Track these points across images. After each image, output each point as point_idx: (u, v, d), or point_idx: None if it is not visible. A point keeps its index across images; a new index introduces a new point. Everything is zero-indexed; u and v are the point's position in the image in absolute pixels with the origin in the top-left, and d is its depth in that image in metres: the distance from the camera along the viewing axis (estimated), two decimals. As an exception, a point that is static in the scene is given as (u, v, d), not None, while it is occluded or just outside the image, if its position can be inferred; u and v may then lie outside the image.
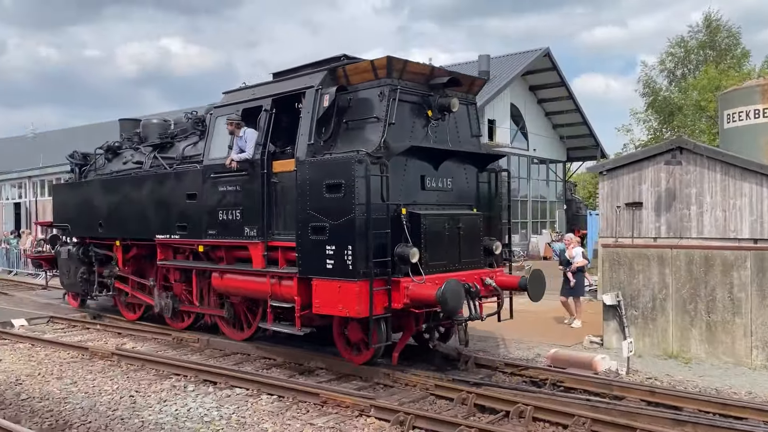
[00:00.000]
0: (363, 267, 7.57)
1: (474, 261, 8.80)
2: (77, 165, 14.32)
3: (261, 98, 9.34)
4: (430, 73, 8.65)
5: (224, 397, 7.64)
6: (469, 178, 9.29)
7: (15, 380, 8.43)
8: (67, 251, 13.79)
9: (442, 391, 7.57)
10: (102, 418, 6.85)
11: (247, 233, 9.14)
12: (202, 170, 9.94)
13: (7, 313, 13.48)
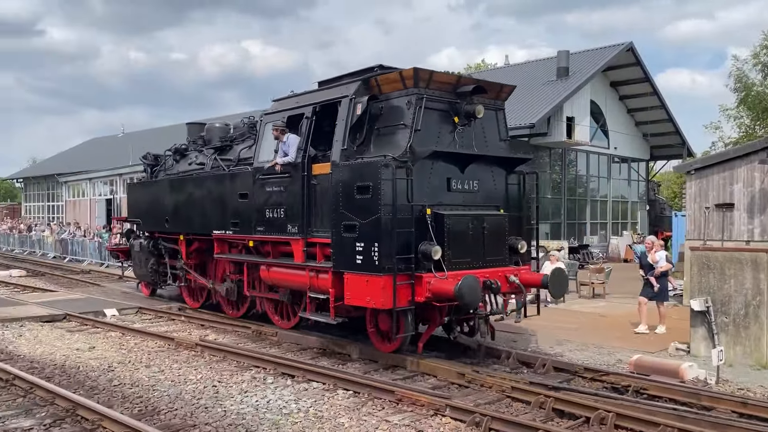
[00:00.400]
0: (388, 263, 8.14)
1: (499, 259, 9.22)
2: (149, 165, 15.43)
3: (303, 106, 10.08)
4: (456, 81, 9.17)
5: (302, 391, 7.80)
6: (496, 180, 9.68)
7: (107, 367, 8.92)
8: (139, 244, 14.86)
9: (519, 393, 7.44)
10: (187, 406, 7.14)
11: (290, 230, 9.93)
12: (252, 172, 10.79)
13: (100, 303, 14.27)
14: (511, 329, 11.70)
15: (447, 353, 9.47)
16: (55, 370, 8.69)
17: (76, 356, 9.56)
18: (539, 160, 26.03)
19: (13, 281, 19.11)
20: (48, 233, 31.12)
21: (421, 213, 8.50)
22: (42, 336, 11.04)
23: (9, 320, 12.02)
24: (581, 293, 16.12)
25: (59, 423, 6.52)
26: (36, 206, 48.29)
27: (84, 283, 18.68)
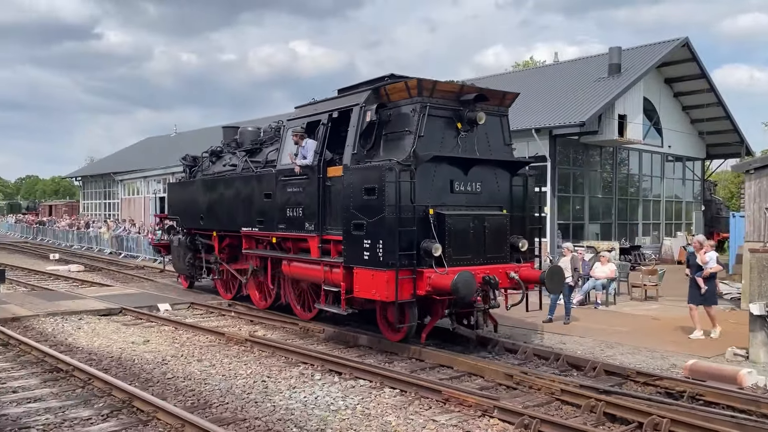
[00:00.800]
0: (391, 259, 8.77)
1: (500, 256, 9.77)
2: (188, 166, 16.34)
3: (319, 113, 10.84)
4: (459, 90, 9.72)
5: (349, 388, 7.85)
6: (500, 182, 10.19)
7: (161, 360, 9.17)
8: (177, 240, 15.96)
9: (569, 396, 7.32)
10: (238, 400, 7.29)
11: (307, 228, 10.72)
12: (275, 174, 11.62)
13: (154, 298, 14.70)
14: (561, 331, 11.51)
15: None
16: (112, 362, 8.99)
17: (131, 349, 9.87)
18: (589, 159, 25.52)
19: (73, 276, 19.87)
20: (104, 230, 32.20)
21: (424, 213, 9.09)
22: (99, 329, 11.44)
23: (69, 313, 12.50)
24: (633, 295, 15.73)
25: (116, 414, 6.74)
26: (93, 204, 50.00)
27: (138, 279, 19.27)
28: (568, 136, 23.44)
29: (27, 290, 16.62)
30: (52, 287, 17.18)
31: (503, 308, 10.22)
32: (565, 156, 24.37)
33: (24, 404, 6.99)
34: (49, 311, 12.51)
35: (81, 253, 29.46)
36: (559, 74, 28.56)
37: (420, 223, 9.03)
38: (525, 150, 23.72)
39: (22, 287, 17.32)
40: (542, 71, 32.17)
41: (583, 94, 24.01)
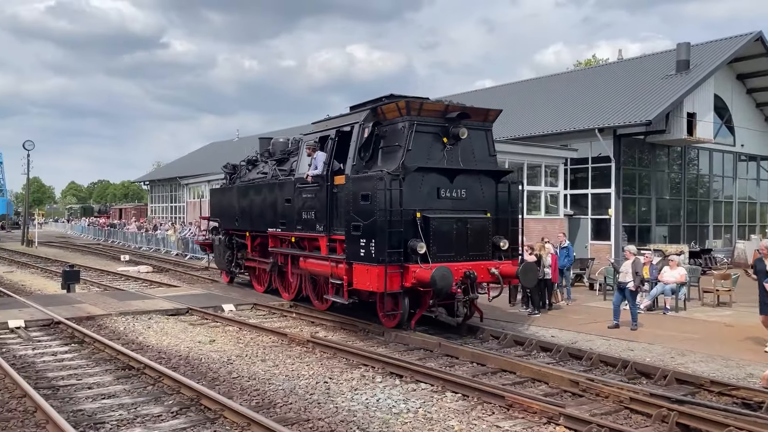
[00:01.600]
0: (382, 255, 10.07)
1: (482, 254, 11.04)
2: (228, 173, 17.86)
3: (329, 129, 12.31)
4: (445, 109, 10.93)
5: (410, 391, 7.83)
6: (484, 189, 11.36)
7: (227, 360, 9.39)
8: (218, 239, 17.50)
9: (639, 405, 7.06)
10: (301, 400, 7.37)
11: (317, 228, 12.15)
12: (294, 181, 13.14)
13: (219, 298, 15.07)
14: (628, 337, 11.16)
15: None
16: (180, 361, 9.26)
17: (198, 348, 10.15)
18: (656, 159, 24.68)
19: (142, 276, 20.63)
20: (171, 232, 33.32)
21: (412, 216, 10.36)
22: (168, 328, 11.81)
23: (139, 313, 12.98)
24: (704, 301, 15.09)
25: (185, 411, 6.93)
26: (160, 207, 51.84)
27: (203, 280, 19.82)
28: (633, 136, 22.75)
29: (100, 290, 17.36)
30: (123, 287, 17.89)
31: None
32: (630, 156, 23.65)
33: (99, 400, 7.28)
34: (121, 310, 13.02)
35: (149, 255, 30.57)
36: (623, 72, 27.74)
37: (408, 224, 10.33)
38: (588, 150, 23.19)
39: (95, 287, 18.10)
40: (605, 69, 31.33)
41: (649, 92, 23.25)
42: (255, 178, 15.81)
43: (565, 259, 15.46)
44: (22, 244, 39.83)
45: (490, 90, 37.11)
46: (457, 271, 10.32)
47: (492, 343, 10.75)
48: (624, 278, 12.06)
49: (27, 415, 6.72)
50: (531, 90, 31.72)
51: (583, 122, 22.97)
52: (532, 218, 21.92)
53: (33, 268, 24.42)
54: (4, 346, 10.08)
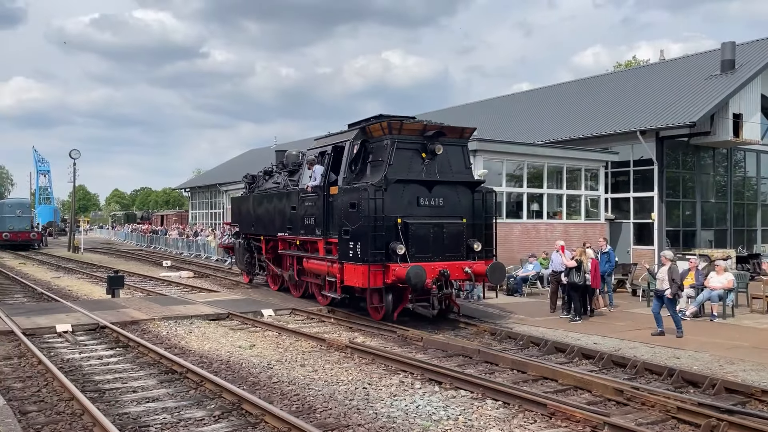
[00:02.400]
0: (366, 256, 11.65)
1: (457, 255, 12.51)
2: (247, 183, 19.53)
3: (326, 145, 14.07)
4: (423, 128, 12.54)
5: (450, 398, 7.76)
6: (461, 198, 12.86)
7: (267, 364, 9.47)
8: (238, 243, 19.33)
9: (686, 414, 6.86)
10: (340, 406, 7.38)
11: (316, 233, 13.77)
12: (298, 191, 14.79)
13: (258, 304, 15.23)
14: (674, 344, 10.86)
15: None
16: (221, 365, 9.37)
17: (238, 353, 10.26)
18: (701, 161, 24.06)
19: (183, 282, 21.01)
20: (211, 238, 33.86)
21: (393, 222, 11.89)
22: (209, 333, 11.99)
23: (181, 317, 13.21)
24: (753, 307, 14.60)
25: (226, 415, 7.01)
26: (201, 213, 52.76)
27: (243, 285, 20.06)
28: (676, 138, 22.24)
29: (143, 295, 17.73)
30: (165, 292, 18.25)
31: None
32: (674, 159, 23.10)
33: (143, 404, 7.42)
34: (164, 315, 13.27)
35: (190, 260, 31.12)
36: (665, 73, 27.14)
37: (390, 229, 11.86)
38: (629, 153, 22.74)
39: (138, 292, 18.50)
40: (647, 70, 30.70)
41: (693, 93, 22.69)
42: (270, 187, 17.46)
43: (606, 265, 15.17)
44: (69, 250, 41.02)
45: (527, 93, 36.75)
46: (433, 270, 11.82)
47: (532, 350, 10.60)
48: (661, 285, 11.79)
49: (75, 417, 6.88)
50: (570, 92, 31.29)
51: (624, 124, 22.54)
52: (572, 223, 21.59)
53: (79, 274, 25.11)
54: (53, 350, 10.37)
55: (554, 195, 21.55)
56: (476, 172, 19.17)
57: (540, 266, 17.87)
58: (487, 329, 12.24)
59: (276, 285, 17.67)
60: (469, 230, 12.75)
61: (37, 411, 7.11)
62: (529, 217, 20.72)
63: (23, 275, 24.37)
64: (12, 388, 8.03)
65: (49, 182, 76.10)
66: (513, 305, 15.70)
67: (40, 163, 75.85)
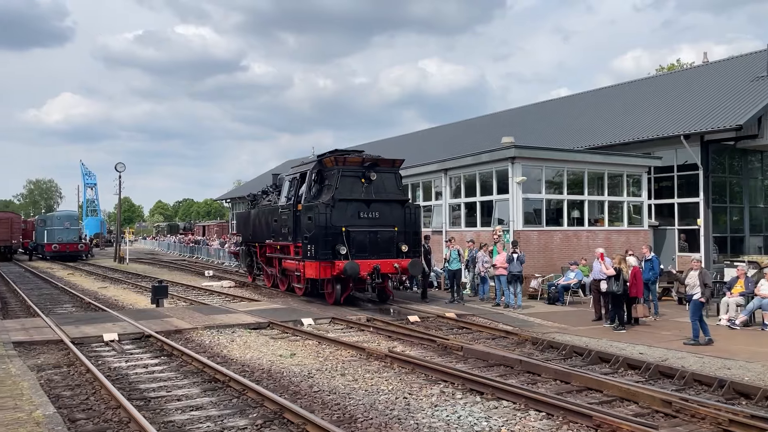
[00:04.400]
0: (318, 255, 15.78)
1: (389, 254, 16.36)
2: (249, 201, 24.40)
3: (296, 172, 18.29)
4: (362, 160, 16.67)
5: (491, 408, 7.66)
6: (393, 211, 16.73)
7: (307, 373, 9.51)
8: (241, 249, 24.29)
9: (738, 427, 6.64)
10: (381, 416, 7.35)
11: (289, 239, 17.73)
12: (278, 207, 18.99)
13: (297, 312, 15.34)
14: (723, 354, 10.52)
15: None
16: (263, 374, 9.46)
17: (279, 362, 10.34)
18: (748, 165, 23.34)
19: (225, 291, 21.32)
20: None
21: (339, 230, 15.82)
22: (250, 342, 12.12)
23: (223, 327, 13.39)
24: (808, 316, 14.01)
25: (269, 424, 7.05)
26: (240, 223, 53.40)
27: (282, 294, 20.23)
28: (722, 142, 21.64)
29: (186, 304, 18.05)
30: (207, 302, 18.54)
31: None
32: (719, 163, 22.46)
33: (187, 412, 7.53)
34: (206, 324, 13.47)
35: (231, 270, 31.56)
36: (709, 75, 26.46)
37: (337, 235, 15.82)
38: (673, 158, 22.22)
39: (182, 302, 18.84)
40: (690, 73, 29.98)
41: (739, 95, 22.04)
42: (264, 204, 21.32)
43: (649, 273, 14.82)
44: (115, 260, 42.10)
45: (566, 99, 36.27)
46: (368, 265, 15.63)
47: (575, 360, 10.40)
48: (691, 290, 11.48)
49: (121, 425, 7.02)
50: (610, 97, 30.77)
51: (667, 129, 22.03)
52: (615, 229, 21.17)
53: (125, 284, 25.73)
54: (100, 359, 10.63)
55: (595, 201, 21.17)
56: (514, 179, 19.00)
57: (581, 274, 17.56)
58: (528, 338, 12.07)
59: (269, 282, 21.31)
60: (400, 236, 16.60)
61: (85, 419, 7.29)
62: (569, 224, 20.39)
63: (71, 285, 25.09)
64: (62, 396, 8.26)
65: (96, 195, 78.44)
66: (554, 314, 15.45)
67: (87, 177, 78.29)
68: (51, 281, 27.43)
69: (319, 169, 16.95)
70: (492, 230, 19.38)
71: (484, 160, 20.39)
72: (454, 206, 22.39)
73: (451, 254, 17.85)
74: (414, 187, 24.74)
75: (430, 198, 23.63)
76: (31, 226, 50.89)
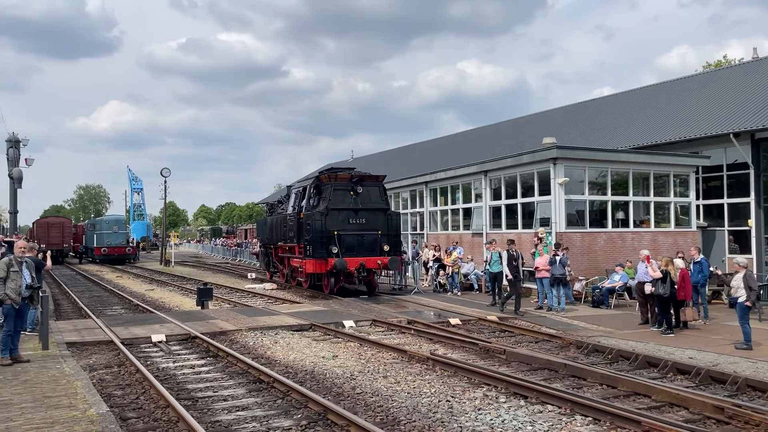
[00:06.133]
0: (315, 254, 19.04)
1: (373, 253, 19.50)
2: (268, 209, 28.97)
3: (300, 186, 22.05)
4: (351, 177, 20.05)
5: (536, 413, 7.57)
6: (378, 218, 19.97)
7: (350, 375, 9.56)
8: (261, 251, 28.58)
9: (796, 436, 6.38)
10: (424, 419, 7.34)
11: (295, 241, 20.95)
12: (287, 215, 22.37)
13: (339, 315, 15.45)
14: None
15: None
16: (306, 376, 9.55)
17: (322, 363, 10.43)
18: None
19: (267, 293, 21.61)
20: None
21: (332, 233, 19.06)
22: (293, 343, 12.26)
23: (266, 328, 13.58)
24: None
25: (313, 425, 7.12)
26: (282, 226, 54.01)
27: (323, 297, 20.40)
28: (775, 140, 20.86)
29: (230, 306, 18.37)
30: (250, 304, 18.84)
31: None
32: (772, 161, 21.64)
33: (233, 412, 7.66)
34: (250, 326, 13.68)
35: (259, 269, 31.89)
36: (759, 71, 25.59)
37: (330, 238, 19.07)
38: (722, 157, 21.58)
39: (226, 304, 19.18)
40: (739, 69, 29.05)
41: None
42: (278, 213, 24.93)
43: (699, 275, 14.42)
44: (161, 263, 43.10)
45: (609, 98, 35.59)
46: (356, 262, 18.91)
47: (622, 365, 10.19)
48: (735, 293, 11.11)
49: (170, 424, 7.19)
50: (655, 95, 30.06)
51: (715, 127, 21.39)
52: (661, 231, 20.67)
53: (171, 286, 26.32)
54: (149, 359, 10.90)
55: (641, 202, 20.70)
56: (557, 181, 18.73)
57: (627, 276, 17.19)
58: (572, 342, 11.88)
59: (283, 278, 24.13)
60: (383, 238, 19.85)
61: (136, 417, 7.48)
62: (614, 226, 19.98)
63: (120, 288, 25.81)
64: (113, 395, 8.50)
65: (142, 199, 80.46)
66: (599, 317, 15.18)
67: (133, 182, 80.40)
68: (100, 284, 28.26)
69: (316, 184, 20.24)
70: (533, 232, 19.15)
71: (525, 161, 20.16)
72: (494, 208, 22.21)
73: (492, 256, 17.69)
74: (453, 189, 24.63)
75: (470, 200, 23.48)
76: (81, 231, 52.53)
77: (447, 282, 21.27)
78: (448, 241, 23.72)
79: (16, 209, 25.73)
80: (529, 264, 18.11)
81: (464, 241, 23.19)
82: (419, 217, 27.31)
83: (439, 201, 25.68)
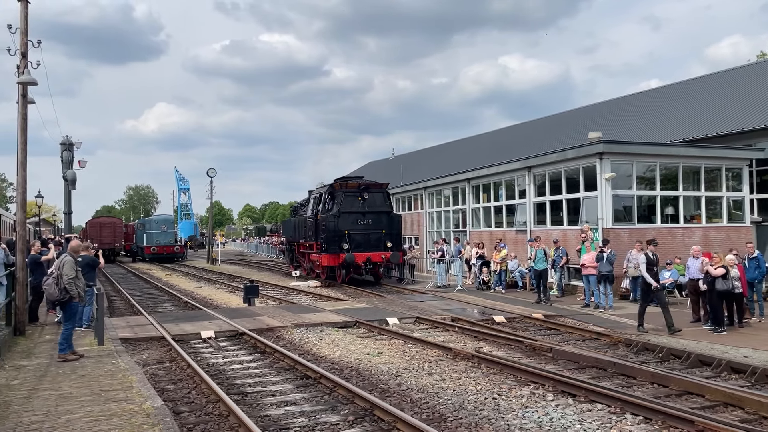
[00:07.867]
0: (329, 250, 22.91)
1: (378, 249, 23.01)
2: (292, 211, 32.33)
3: (317, 192, 26.01)
4: (359, 185, 23.85)
5: (585, 411, 7.47)
6: (382, 219, 23.58)
7: (395, 372, 9.61)
8: (286, 247, 33.09)
9: None
10: (470, 416, 7.33)
11: (313, 239, 24.65)
12: (307, 217, 25.90)
13: (383, 312, 15.52)
14: (839, 359, 9.75)
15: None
16: (352, 372, 9.64)
17: (367, 360, 10.50)
18: None
19: (311, 291, 21.87)
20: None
21: (343, 233, 22.53)
22: (338, 340, 12.38)
23: (311, 325, 13.75)
24: None
25: (360, 421, 7.18)
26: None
27: (367, 294, 20.55)
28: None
29: (276, 304, 18.65)
30: (295, 301, 19.10)
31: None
32: (831, 154, 20.80)
33: (282, 407, 7.80)
34: (296, 323, 13.88)
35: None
36: (817, 59, 24.55)
37: (342, 236, 22.49)
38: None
39: (271, 301, 19.49)
40: (794, 58, 27.93)
41: None
42: (300, 215, 27.97)
43: (755, 271, 13.95)
44: (208, 261, 44.06)
45: (657, 90, 34.70)
46: (363, 256, 22.34)
47: (674, 363, 9.96)
48: None
49: (222, 418, 7.36)
50: (705, 87, 29.18)
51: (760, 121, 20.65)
52: (713, 226, 20.07)
53: (218, 284, 26.88)
54: (199, 355, 11.18)
55: (691, 197, 20.14)
56: (603, 176, 18.39)
57: (677, 273, 16.76)
58: (621, 340, 11.67)
59: (305, 271, 27.13)
60: (387, 236, 23.33)
61: (188, 411, 7.69)
62: (663, 222, 19.50)
63: (170, 285, 26.49)
64: (166, 389, 8.75)
65: (189, 199, 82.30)
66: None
67: (180, 182, 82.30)
68: (151, 281, 29.07)
69: (330, 190, 23.95)
70: (580, 228, 18.85)
71: (570, 156, 19.85)
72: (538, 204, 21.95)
73: (537, 254, 17.49)
74: (496, 186, 24.43)
75: (513, 197, 23.26)
76: (131, 230, 54.12)
77: (493, 279, 21.13)
78: (491, 239, 23.55)
79: (71, 210, 26.66)
80: (574, 261, 17.83)
81: (507, 238, 22.98)
82: (461, 215, 27.18)
83: (482, 198, 25.51)
